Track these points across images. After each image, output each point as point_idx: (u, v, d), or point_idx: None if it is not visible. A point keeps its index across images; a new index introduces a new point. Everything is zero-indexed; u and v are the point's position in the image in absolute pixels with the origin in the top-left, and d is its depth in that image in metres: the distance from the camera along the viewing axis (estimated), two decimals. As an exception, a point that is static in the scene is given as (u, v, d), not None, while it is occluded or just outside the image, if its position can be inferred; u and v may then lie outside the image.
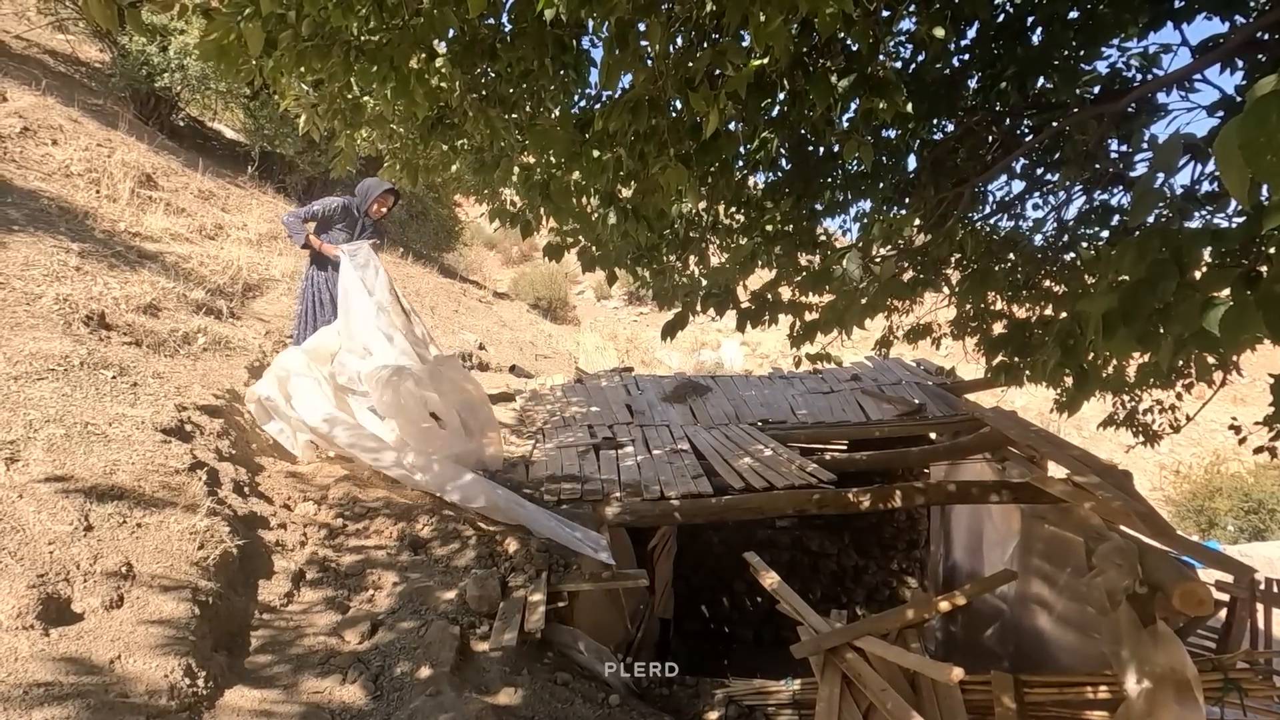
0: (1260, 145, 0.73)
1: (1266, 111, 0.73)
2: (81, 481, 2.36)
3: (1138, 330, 1.51)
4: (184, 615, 2.16)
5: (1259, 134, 0.74)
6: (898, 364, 6.50)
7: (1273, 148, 0.73)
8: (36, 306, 3.43)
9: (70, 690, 1.71)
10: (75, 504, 2.26)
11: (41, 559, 2.01)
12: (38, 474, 2.30)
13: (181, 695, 1.90)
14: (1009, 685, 2.83)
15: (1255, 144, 0.74)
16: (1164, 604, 2.78)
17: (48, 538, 2.09)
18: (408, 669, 2.47)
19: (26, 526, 2.09)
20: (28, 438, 2.44)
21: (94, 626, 1.94)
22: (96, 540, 2.20)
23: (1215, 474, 13.20)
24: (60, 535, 2.12)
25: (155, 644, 1.99)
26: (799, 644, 3.17)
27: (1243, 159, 0.75)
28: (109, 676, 1.82)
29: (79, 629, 1.92)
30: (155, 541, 2.35)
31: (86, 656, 1.84)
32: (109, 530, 2.26)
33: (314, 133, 3.60)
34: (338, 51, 2.44)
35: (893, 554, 6.48)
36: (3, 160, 4.85)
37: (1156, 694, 2.59)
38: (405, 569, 3.16)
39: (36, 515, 2.14)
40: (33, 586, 1.90)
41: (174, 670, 1.94)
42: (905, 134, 3.32)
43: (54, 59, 8.44)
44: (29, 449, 2.39)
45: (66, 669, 1.77)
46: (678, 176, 1.92)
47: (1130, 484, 3.61)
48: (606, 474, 4.33)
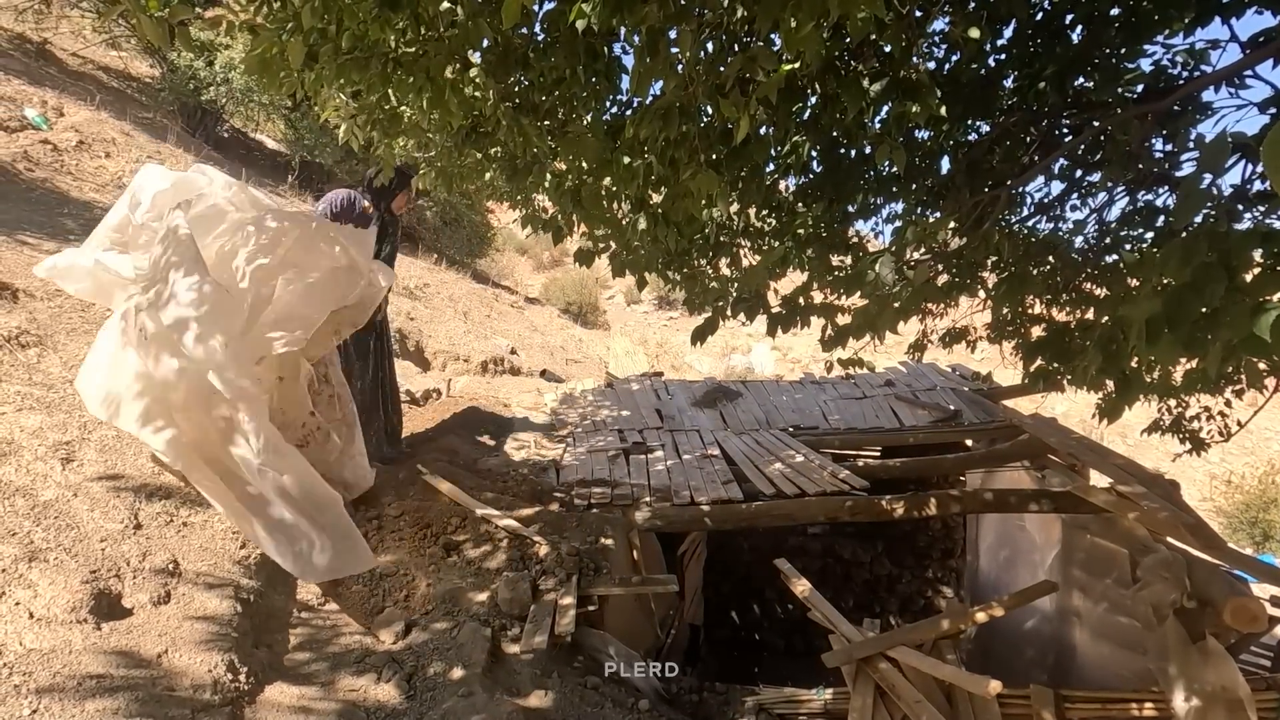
0: None
1: (1317, 111, 0.71)
2: (131, 481, 2.45)
3: (1184, 336, 1.46)
4: (227, 612, 2.22)
5: (1309, 134, 0.71)
6: (932, 369, 6.39)
7: None
8: (90, 313, 3.57)
9: (120, 683, 1.77)
10: (125, 503, 2.35)
11: (94, 556, 2.10)
12: (91, 473, 2.40)
13: (225, 690, 1.96)
14: (1049, 700, 2.75)
15: None
16: (1214, 619, 2.68)
17: (100, 535, 2.18)
18: (440, 669, 2.51)
19: (80, 524, 2.17)
20: (82, 439, 2.54)
21: (142, 622, 2.02)
22: (145, 538, 2.28)
23: (1270, 484, 12.64)
24: (112, 533, 2.21)
25: (200, 639, 2.06)
26: (831, 653, 3.13)
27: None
28: (157, 670, 1.88)
29: (129, 624, 1.99)
30: (200, 540, 2.43)
31: (136, 650, 1.91)
32: (157, 529, 2.35)
33: (353, 142, 3.69)
34: (376, 64, 2.50)
35: (928, 563, 6.36)
36: (60, 173, 5.07)
37: (1207, 713, 2.50)
38: (438, 570, 3.21)
39: (90, 513, 2.23)
40: (86, 582, 1.97)
41: (218, 665, 2.00)
42: (939, 136, 3.28)
43: (108, 75, 8.80)
44: (83, 449, 2.50)
45: (117, 662, 1.84)
46: (708, 182, 1.93)
47: (1177, 494, 3.49)
48: (636, 479, 4.34)
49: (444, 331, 7.44)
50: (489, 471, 4.42)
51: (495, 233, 14.84)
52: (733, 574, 6.67)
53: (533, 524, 3.63)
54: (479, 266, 13.87)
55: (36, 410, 2.61)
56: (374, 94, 2.77)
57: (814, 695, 3.18)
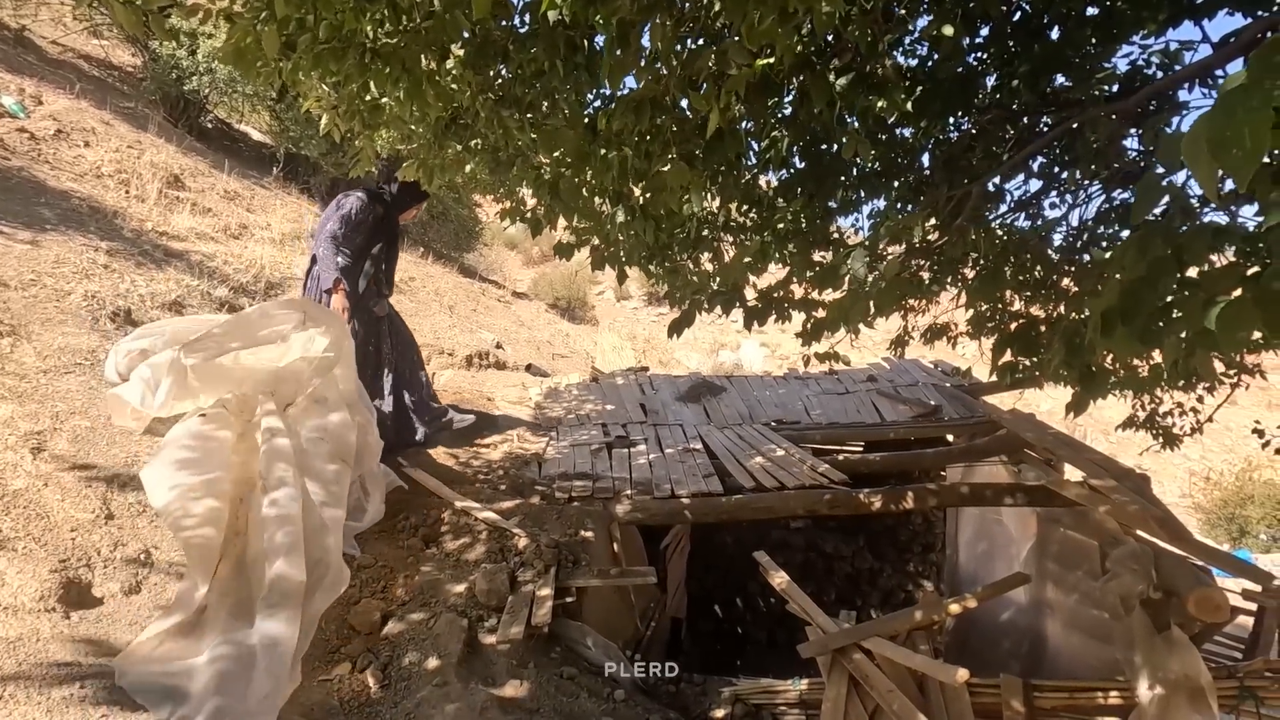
0: (1226, 140, 0.73)
1: (1232, 106, 0.73)
2: (104, 471, 2.44)
3: (1139, 329, 1.49)
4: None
5: (1225, 128, 0.73)
6: (915, 365, 6.44)
7: (1239, 141, 0.72)
8: (66, 303, 3.54)
9: (89, 671, 1.77)
10: (97, 493, 2.34)
11: (64, 545, 2.09)
12: (62, 464, 2.39)
13: (195, 679, 1.95)
14: (1018, 689, 2.80)
15: (1221, 138, 0.73)
16: (1179, 610, 2.73)
17: (70, 525, 2.17)
18: (416, 660, 2.52)
19: (50, 514, 2.16)
20: (54, 429, 2.53)
21: (113, 610, 2.01)
22: (117, 528, 2.27)
23: (1247, 481, 12.84)
24: (82, 522, 2.20)
25: (171, 629, 2.05)
26: (806, 644, 3.16)
27: (1210, 153, 0.74)
28: (125, 659, 1.88)
29: (98, 612, 1.99)
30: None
31: (105, 639, 1.90)
32: (129, 519, 2.34)
33: (335, 134, 3.68)
34: (353, 54, 2.50)
35: (909, 557, 6.42)
36: (37, 161, 5.01)
37: (1170, 701, 2.55)
38: (416, 563, 3.22)
39: (60, 503, 2.22)
40: (55, 571, 1.97)
41: (188, 654, 2.00)
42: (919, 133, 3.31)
43: (88, 63, 8.69)
44: (55, 440, 2.48)
45: (86, 650, 1.83)
46: (680, 174, 1.94)
47: (1148, 488, 3.55)
48: (619, 472, 4.36)
49: (429, 325, 7.41)
50: (470, 464, 4.43)
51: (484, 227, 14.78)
52: (716, 567, 6.71)
53: (513, 517, 3.64)
54: (468, 261, 13.80)
55: (8, 400, 2.58)
56: (352, 84, 2.76)
57: (790, 686, 3.22)
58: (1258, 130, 0.71)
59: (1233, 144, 0.73)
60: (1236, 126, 0.72)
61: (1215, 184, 0.79)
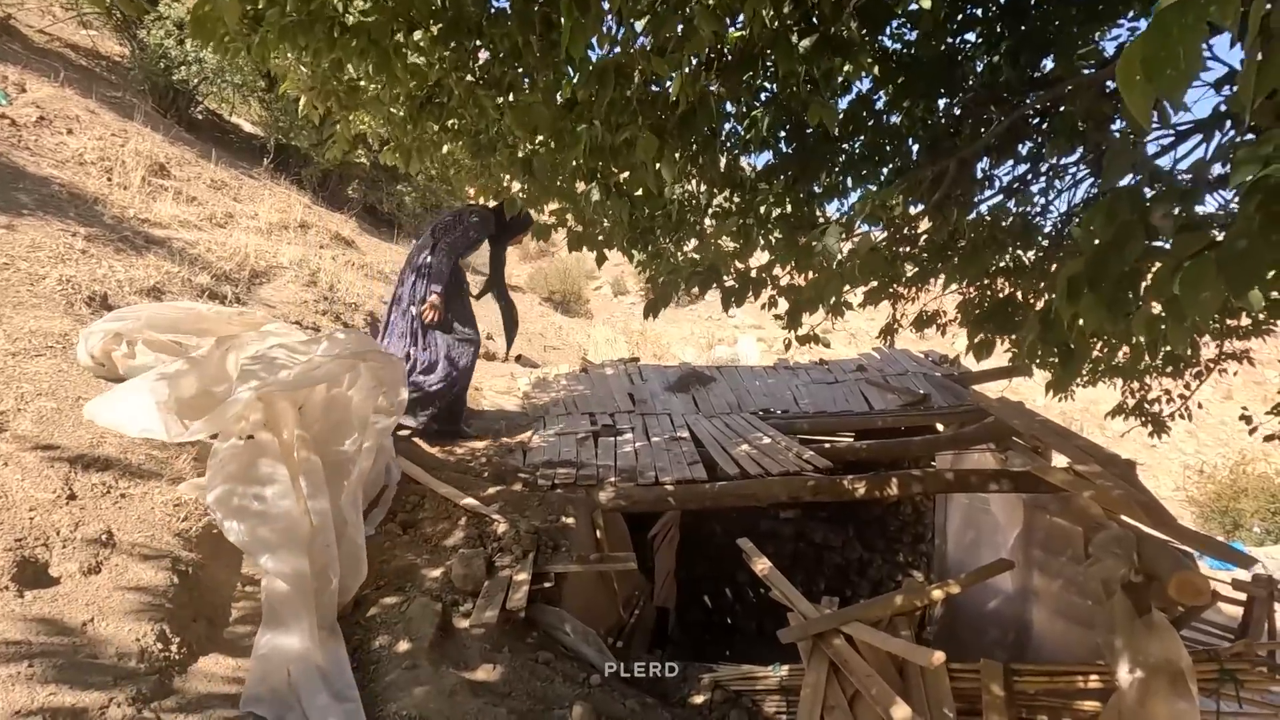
0: (1161, 59, 0.69)
1: (1168, 25, 0.69)
2: (67, 452, 2.40)
3: (1107, 296, 1.46)
4: (162, 583, 2.18)
5: (1160, 47, 0.70)
6: (906, 355, 6.41)
7: (1173, 60, 0.69)
8: (40, 287, 3.49)
9: (39, 649, 1.73)
10: (59, 473, 2.30)
11: (21, 524, 2.05)
12: (25, 444, 2.35)
13: (153, 659, 1.92)
14: (998, 673, 2.77)
15: (1157, 58, 0.70)
16: (1160, 593, 2.70)
17: (29, 504, 2.13)
18: (386, 642, 2.49)
19: (9, 492, 2.12)
20: (17, 409, 2.48)
21: (69, 590, 1.97)
22: (79, 508, 2.23)
23: (1241, 474, 12.83)
24: (42, 502, 2.16)
25: (130, 609, 2.02)
26: (786, 629, 3.14)
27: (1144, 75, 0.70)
28: (79, 638, 1.84)
29: (54, 592, 1.95)
30: (138, 512, 2.38)
31: (59, 618, 1.87)
32: (92, 500, 2.30)
33: (313, 115, 3.64)
34: (320, 27, 2.45)
35: (898, 547, 6.40)
36: (17, 148, 4.95)
37: (1149, 684, 2.52)
38: (393, 548, 3.18)
39: (20, 482, 2.18)
40: (9, 550, 1.93)
41: (146, 635, 1.96)
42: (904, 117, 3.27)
43: (75, 53, 8.61)
44: (18, 420, 2.44)
45: (37, 629, 1.80)
46: (649, 146, 1.90)
47: (1134, 473, 3.52)
48: (604, 460, 4.32)
49: (418, 316, 7.37)
50: (454, 453, 4.39)
51: (478, 220, 14.72)
52: (706, 558, 6.68)
53: (493, 504, 3.61)
54: (461, 254, 13.75)
55: (-27, 381, 2.55)
56: (322, 60, 2.72)
57: (770, 672, 3.19)
58: (1191, 48, 0.68)
59: (1167, 63, 0.70)
60: (1170, 45, 0.69)
61: (1149, 109, 0.75)
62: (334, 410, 3.10)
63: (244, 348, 3.13)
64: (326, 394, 3.08)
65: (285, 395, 2.80)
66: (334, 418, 3.08)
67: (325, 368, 2.87)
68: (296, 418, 2.87)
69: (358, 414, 3.12)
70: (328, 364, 2.89)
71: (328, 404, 3.09)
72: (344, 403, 3.13)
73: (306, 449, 2.75)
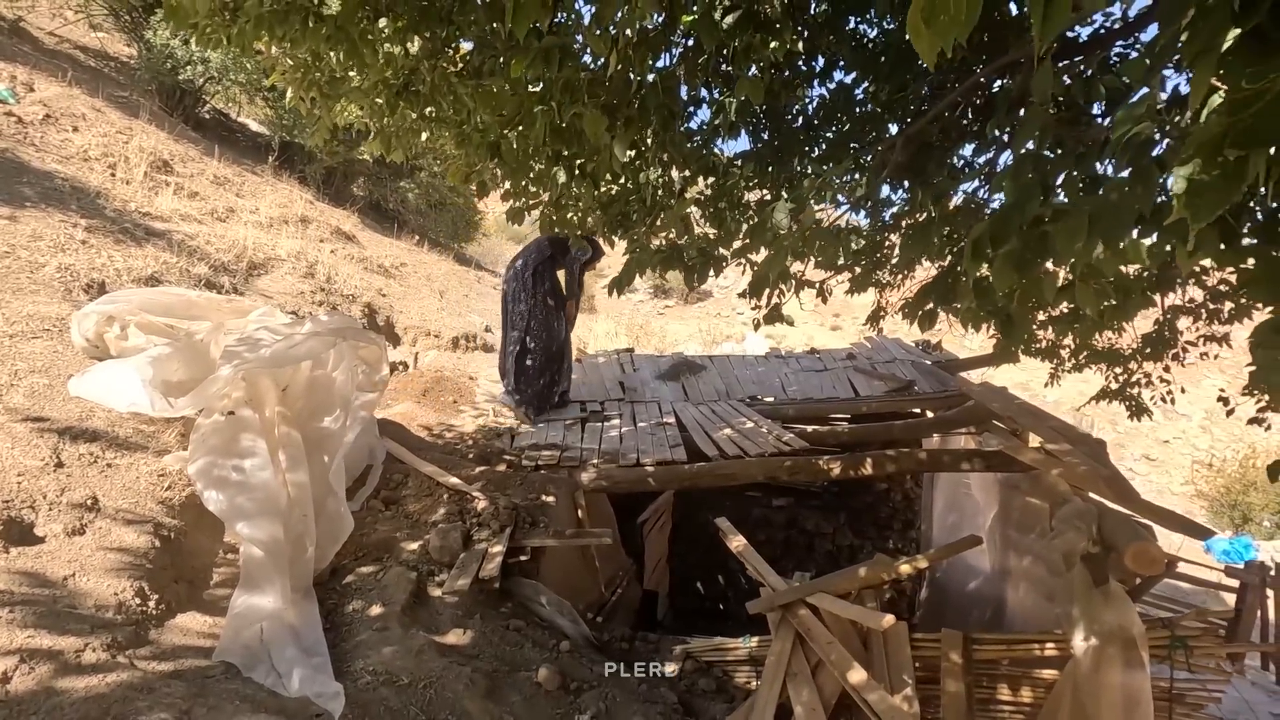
0: (938, 6, 0.76)
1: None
2: (57, 424, 2.53)
3: (1014, 256, 1.52)
4: (144, 546, 2.30)
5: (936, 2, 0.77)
6: (895, 344, 6.46)
7: (946, 8, 0.76)
8: (40, 274, 3.64)
9: (20, 599, 1.85)
10: (49, 443, 2.42)
11: (9, 488, 2.17)
12: (16, 415, 2.47)
13: (130, 613, 2.03)
14: (958, 642, 2.83)
15: (934, 5, 0.77)
16: (1117, 564, 2.76)
17: (18, 470, 2.25)
18: (360, 606, 2.59)
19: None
20: (10, 384, 2.61)
21: (53, 549, 2.09)
22: (66, 475, 2.35)
23: (1250, 468, 12.69)
24: (30, 469, 2.28)
25: (111, 568, 2.13)
26: (755, 601, 3.21)
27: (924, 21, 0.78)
28: (60, 590, 1.96)
29: (38, 550, 2.07)
30: (124, 480, 2.50)
31: (41, 573, 1.98)
32: (79, 468, 2.42)
33: (300, 105, 3.75)
34: (295, 17, 2.56)
35: (889, 534, 6.44)
36: (23, 144, 5.12)
37: (1103, 652, 2.58)
38: (375, 521, 3.29)
39: (10, 450, 2.31)
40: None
41: (125, 590, 2.08)
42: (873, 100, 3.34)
43: (84, 54, 8.82)
44: (10, 394, 2.57)
45: (19, 581, 1.91)
46: (596, 124, 1.98)
47: (1104, 452, 3.56)
48: (589, 444, 4.41)
49: (416, 308, 7.50)
50: (442, 436, 4.50)
51: (483, 216, 14.86)
52: (699, 545, 6.75)
53: (476, 483, 3.71)
54: (468, 251, 13.89)
55: (-30, 358, 2.68)
56: (298, 49, 2.83)
57: (739, 644, 3.27)
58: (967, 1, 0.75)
59: (942, 10, 0.77)
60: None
61: (935, 53, 0.83)
62: (317, 390, 3.21)
63: (231, 333, 3.25)
64: (310, 374, 3.20)
65: (268, 373, 2.91)
66: (317, 397, 3.20)
67: (305, 345, 2.97)
68: (279, 396, 2.99)
69: (340, 393, 3.24)
70: (308, 341, 2.99)
71: (310, 384, 3.20)
72: (326, 383, 3.25)
73: (287, 425, 2.87)
